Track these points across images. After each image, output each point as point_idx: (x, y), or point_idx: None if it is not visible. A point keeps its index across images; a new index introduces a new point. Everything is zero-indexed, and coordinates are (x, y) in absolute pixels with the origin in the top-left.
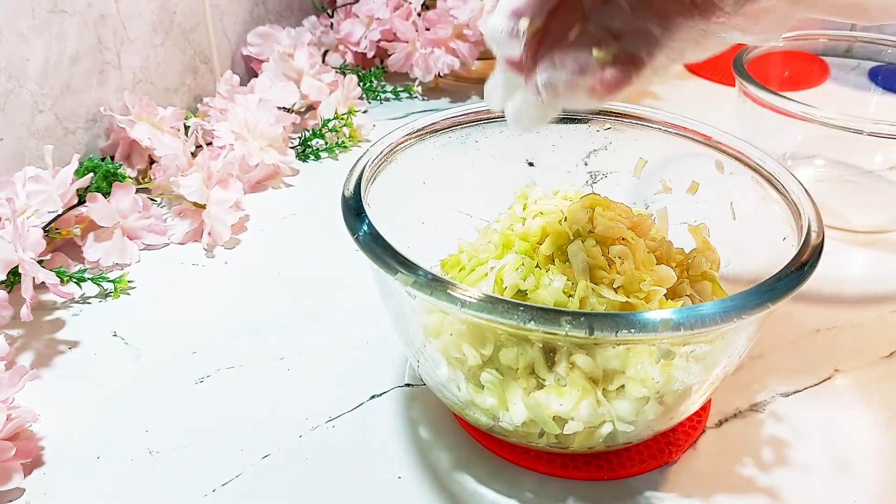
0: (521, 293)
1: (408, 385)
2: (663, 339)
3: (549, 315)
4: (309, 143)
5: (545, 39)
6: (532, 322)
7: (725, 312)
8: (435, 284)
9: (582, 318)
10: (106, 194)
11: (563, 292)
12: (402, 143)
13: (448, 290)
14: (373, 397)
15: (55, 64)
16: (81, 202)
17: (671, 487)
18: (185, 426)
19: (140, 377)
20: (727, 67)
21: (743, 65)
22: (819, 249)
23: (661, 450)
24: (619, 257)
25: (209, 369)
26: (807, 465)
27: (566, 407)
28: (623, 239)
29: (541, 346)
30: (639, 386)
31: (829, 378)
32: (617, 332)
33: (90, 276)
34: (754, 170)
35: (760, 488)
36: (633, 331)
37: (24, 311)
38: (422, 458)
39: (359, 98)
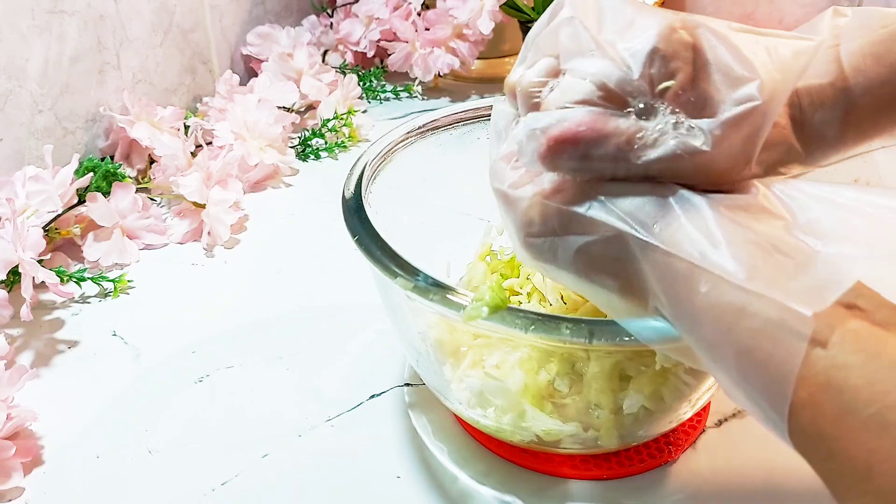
0: None
1: (407, 384)
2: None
3: (550, 322)
4: (308, 142)
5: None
6: (532, 329)
7: None
8: (434, 289)
9: (582, 325)
10: (106, 194)
11: None
12: (402, 141)
13: (448, 296)
14: (372, 397)
15: (55, 64)
16: (81, 202)
17: (671, 487)
18: (185, 425)
19: (139, 376)
20: None
21: None
22: None
23: (660, 449)
24: None
25: (208, 369)
26: (806, 465)
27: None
28: None
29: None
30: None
31: None
32: (616, 339)
33: (90, 276)
34: None
35: (760, 488)
36: (633, 338)
37: (24, 311)
38: (421, 457)
39: (358, 98)
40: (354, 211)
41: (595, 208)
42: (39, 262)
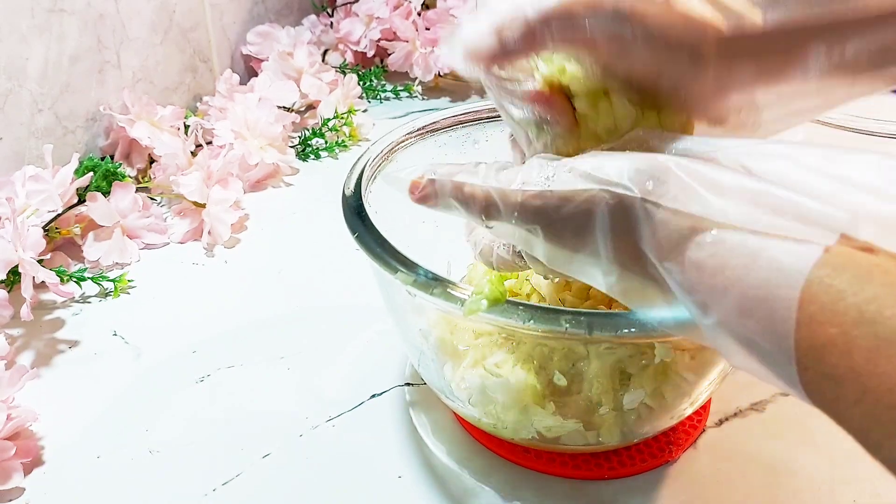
0: None
1: (408, 384)
2: (663, 338)
3: (549, 314)
4: (309, 142)
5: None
6: (532, 321)
7: None
8: (435, 284)
9: (581, 317)
10: (106, 193)
11: None
12: (403, 141)
13: (448, 290)
14: (373, 396)
15: (55, 63)
16: (81, 201)
17: (671, 487)
18: (185, 425)
19: (140, 376)
20: None
21: None
22: None
23: (661, 449)
24: None
25: (209, 368)
26: (807, 465)
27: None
28: None
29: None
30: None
31: None
32: (616, 331)
33: (90, 276)
34: None
35: (760, 488)
36: (632, 330)
37: (25, 311)
38: (422, 457)
39: (359, 97)
40: (354, 209)
41: (586, 180)
42: (39, 261)
